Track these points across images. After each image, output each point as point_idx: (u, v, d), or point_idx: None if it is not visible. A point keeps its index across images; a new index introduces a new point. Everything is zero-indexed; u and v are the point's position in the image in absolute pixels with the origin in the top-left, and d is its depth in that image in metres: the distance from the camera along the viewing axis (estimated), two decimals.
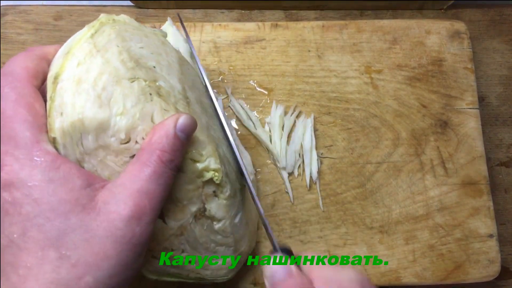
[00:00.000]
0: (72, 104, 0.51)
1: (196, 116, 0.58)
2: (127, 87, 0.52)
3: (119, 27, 0.57)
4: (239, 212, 0.65)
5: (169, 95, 0.55)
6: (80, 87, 0.51)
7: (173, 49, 0.66)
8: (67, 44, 0.56)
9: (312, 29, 0.86)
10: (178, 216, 0.58)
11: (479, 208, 0.79)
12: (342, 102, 0.83)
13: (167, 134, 0.50)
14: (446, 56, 0.86)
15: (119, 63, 0.53)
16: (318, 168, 0.79)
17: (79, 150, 0.52)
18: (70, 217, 0.45)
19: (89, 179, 0.48)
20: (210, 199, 0.59)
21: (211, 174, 0.57)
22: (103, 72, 0.52)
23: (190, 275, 0.64)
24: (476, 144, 0.81)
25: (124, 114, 0.51)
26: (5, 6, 0.91)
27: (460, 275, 0.76)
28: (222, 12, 0.95)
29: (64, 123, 0.50)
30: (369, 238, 0.77)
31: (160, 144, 0.49)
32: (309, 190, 0.79)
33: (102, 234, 0.45)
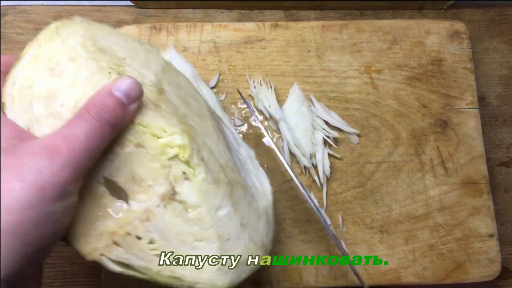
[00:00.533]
0: (25, 76, 0.52)
1: (167, 102, 0.57)
2: (82, 64, 0.53)
3: (92, 28, 0.58)
4: (225, 206, 0.58)
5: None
6: (36, 62, 0.53)
7: (159, 58, 0.65)
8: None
9: (312, 29, 0.86)
10: (142, 198, 0.53)
11: (479, 207, 0.79)
12: (342, 102, 0.83)
13: (100, 91, 0.50)
14: (446, 56, 0.86)
15: (80, 47, 0.54)
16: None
17: (28, 116, 0.51)
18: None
19: (19, 132, 0.49)
20: (180, 181, 0.55)
21: (175, 150, 0.54)
22: (59, 52, 0.53)
23: (161, 272, 0.54)
24: (476, 144, 0.81)
25: (75, 84, 0.52)
26: (5, 6, 0.91)
27: (460, 275, 0.76)
28: (222, 12, 0.95)
29: (14, 91, 0.52)
30: (369, 237, 0.77)
31: (90, 100, 0.49)
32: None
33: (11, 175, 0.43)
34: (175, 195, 0.54)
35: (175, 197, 0.54)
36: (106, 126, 0.49)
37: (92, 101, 0.49)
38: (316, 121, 0.80)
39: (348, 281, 0.75)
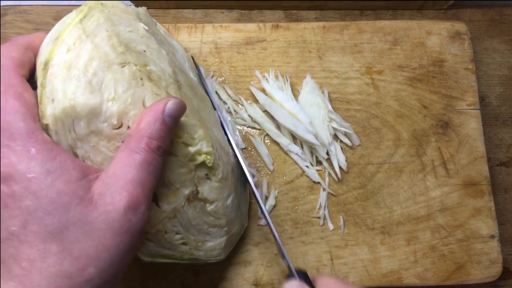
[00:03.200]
0: (63, 91, 0.51)
1: (187, 99, 0.59)
2: (118, 72, 0.52)
3: (108, 11, 0.57)
4: (231, 193, 0.66)
5: (160, 79, 0.56)
6: (71, 73, 0.51)
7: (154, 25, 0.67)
8: (55, 29, 0.56)
9: (313, 30, 0.86)
10: (171, 199, 0.59)
11: (481, 208, 0.79)
12: (343, 103, 0.83)
13: (155, 119, 0.50)
14: (447, 57, 0.86)
15: (109, 48, 0.53)
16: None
17: (71, 136, 0.52)
18: (69, 209, 0.45)
19: (84, 170, 0.48)
20: (203, 182, 0.61)
21: (203, 157, 0.58)
22: (93, 58, 0.52)
23: (183, 256, 0.65)
24: (477, 145, 0.81)
25: (115, 99, 0.51)
26: (5, 6, 0.91)
27: (461, 276, 0.76)
28: (222, 12, 0.95)
29: (55, 110, 0.50)
30: (370, 239, 0.77)
31: (148, 131, 0.50)
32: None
33: (101, 227, 0.46)
34: (198, 194, 0.60)
35: (198, 195, 0.61)
36: (164, 156, 0.52)
37: (149, 132, 0.50)
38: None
39: (349, 282, 0.75)
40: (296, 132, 0.77)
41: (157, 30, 0.67)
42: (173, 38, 0.76)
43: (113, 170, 0.49)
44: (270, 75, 0.83)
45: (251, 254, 0.75)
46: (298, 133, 0.77)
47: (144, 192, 0.49)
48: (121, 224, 0.47)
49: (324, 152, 0.78)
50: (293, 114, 0.78)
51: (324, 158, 0.79)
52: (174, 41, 0.74)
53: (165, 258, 0.64)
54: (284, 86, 0.82)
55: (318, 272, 0.75)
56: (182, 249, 0.64)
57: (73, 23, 0.55)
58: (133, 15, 0.61)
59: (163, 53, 0.60)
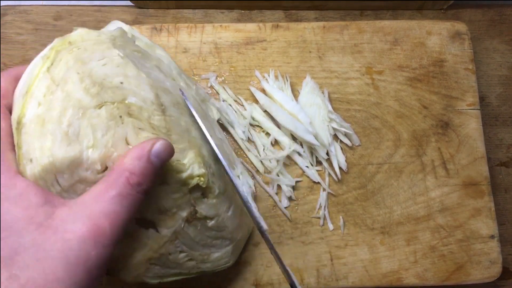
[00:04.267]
0: (39, 148, 0.49)
1: (173, 121, 0.58)
2: (94, 116, 0.51)
3: (77, 49, 0.55)
4: (232, 204, 0.66)
5: (140, 111, 0.54)
6: (45, 128, 0.50)
7: (132, 43, 0.64)
8: (24, 81, 0.54)
9: (313, 30, 0.86)
10: (169, 224, 0.58)
11: (480, 209, 0.79)
12: (343, 103, 0.83)
13: (139, 156, 0.49)
14: (447, 57, 0.86)
15: (82, 92, 0.51)
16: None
17: (56, 190, 0.50)
18: (23, 235, 0.44)
19: (47, 197, 0.47)
20: (200, 202, 0.60)
21: (196, 180, 0.57)
22: (66, 107, 0.50)
23: (191, 271, 0.65)
24: (477, 145, 0.81)
25: (95, 146, 0.50)
26: (5, 6, 0.91)
27: (461, 276, 0.76)
28: (222, 12, 0.95)
29: (35, 169, 0.49)
30: (370, 239, 0.77)
31: (130, 166, 0.48)
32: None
33: (55, 255, 0.43)
34: (197, 213, 0.59)
35: (197, 215, 0.60)
36: (143, 195, 0.50)
37: (131, 167, 0.48)
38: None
39: (349, 282, 0.75)
40: (296, 133, 0.77)
41: (137, 47, 0.64)
42: (157, 46, 0.74)
43: (83, 199, 0.47)
44: (270, 76, 0.83)
45: (251, 254, 0.75)
46: (298, 133, 0.77)
47: (111, 226, 0.46)
48: (78, 255, 0.44)
49: (324, 152, 0.78)
50: (293, 115, 0.78)
51: (324, 159, 0.79)
52: (158, 50, 0.72)
53: (173, 277, 0.64)
54: (284, 86, 0.82)
55: (318, 272, 0.75)
56: (188, 265, 0.63)
57: (40, 72, 0.53)
58: (106, 43, 0.57)
59: (142, 77, 0.56)
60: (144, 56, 0.64)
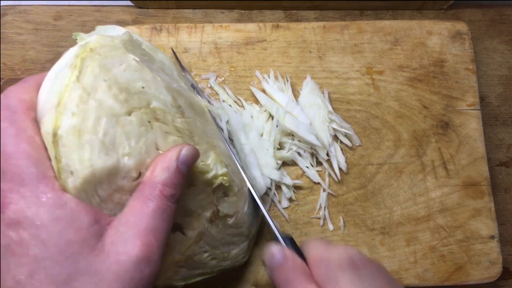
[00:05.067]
0: (79, 160, 0.49)
1: (192, 123, 0.59)
2: (126, 123, 0.51)
3: (99, 56, 0.55)
4: (246, 199, 0.67)
5: (165, 114, 0.55)
6: (82, 139, 0.50)
7: (139, 47, 0.64)
8: (52, 91, 0.53)
9: (313, 30, 0.86)
10: (195, 225, 0.59)
11: (481, 209, 0.79)
12: (344, 103, 0.83)
13: (169, 167, 0.50)
14: (448, 57, 0.86)
15: (112, 99, 0.52)
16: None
17: (95, 201, 0.51)
18: (78, 259, 0.44)
19: (96, 215, 0.47)
20: (221, 200, 0.61)
21: (220, 179, 0.58)
22: (100, 116, 0.51)
23: (213, 270, 0.66)
24: (477, 145, 0.81)
25: (130, 153, 0.51)
26: (5, 6, 0.91)
27: (461, 277, 0.76)
28: (222, 12, 0.95)
29: (77, 182, 0.49)
30: (370, 239, 0.77)
31: (161, 178, 0.49)
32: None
33: (111, 278, 0.44)
34: (219, 212, 0.61)
35: (219, 214, 0.61)
36: (177, 204, 0.51)
37: (163, 179, 0.49)
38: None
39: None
40: (297, 133, 0.77)
41: (143, 50, 0.65)
42: (157, 49, 0.73)
43: (126, 218, 0.48)
44: (270, 76, 0.83)
45: (251, 254, 0.75)
46: (299, 133, 0.76)
47: (157, 240, 0.48)
48: (133, 275, 0.45)
49: (324, 153, 0.78)
50: (293, 115, 0.78)
51: (324, 159, 0.79)
52: (159, 53, 0.72)
53: (197, 277, 0.65)
54: (285, 87, 0.82)
55: None
56: (211, 264, 0.65)
57: (70, 83, 0.52)
58: (121, 48, 0.58)
59: (158, 80, 0.58)
60: (150, 59, 0.65)
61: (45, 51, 0.89)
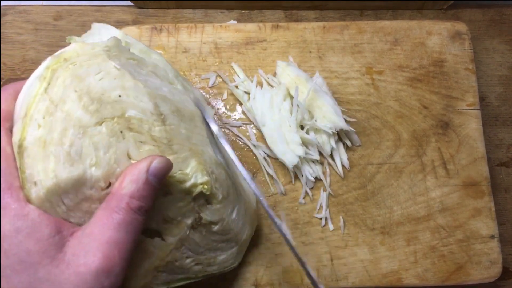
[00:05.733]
0: (44, 171, 0.49)
1: (174, 130, 0.57)
2: (95, 134, 0.51)
3: (73, 65, 0.54)
4: (235, 206, 0.66)
5: (141, 123, 0.54)
6: (47, 150, 0.49)
7: (126, 52, 0.63)
8: (23, 102, 0.53)
9: (313, 30, 0.86)
10: (175, 232, 0.59)
11: (481, 209, 0.79)
12: (343, 103, 0.83)
13: (138, 179, 0.49)
14: (447, 57, 0.86)
15: (81, 110, 0.51)
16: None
17: (62, 210, 0.50)
18: (38, 269, 0.44)
19: (58, 226, 0.47)
20: (204, 208, 0.60)
21: (200, 188, 0.57)
22: (66, 128, 0.50)
23: (198, 274, 0.65)
24: (477, 145, 0.81)
25: (98, 164, 0.50)
26: (5, 6, 0.91)
27: (461, 276, 0.76)
28: (222, 12, 0.95)
29: (40, 192, 0.49)
30: (370, 239, 0.77)
31: (129, 190, 0.48)
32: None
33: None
34: (201, 219, 0.60)
35: (201, 221, 0.60)
36: (145, 216, 0.50)
37: (130, 192, 0.48)
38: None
39: (349, 282, 0.75)
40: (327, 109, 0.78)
41: (132, 55, 0.63)
42: (152, 51, 0.72)
43: (90, 229, 0.47)
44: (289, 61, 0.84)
45: (251, 254, 0.75)
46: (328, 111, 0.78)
47: (120, 253, 0.47)
48: (91, 287, 0.45)
49: (329, 148, 0.78)
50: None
51: (327, 155, 0.79)
52: (153, 54, 0.71)
53: (180, 281, 0.64)
54: None
55: (318, 272, 0.75)
56: (195, 269, 0.64)
57: (38, 94, 0.52)
58: (101, 55, 0.56)
59: (140, 87, 0.56)
60: (140, 63, 0.63)
61: (45, 51, 0.89)
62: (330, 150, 0.78)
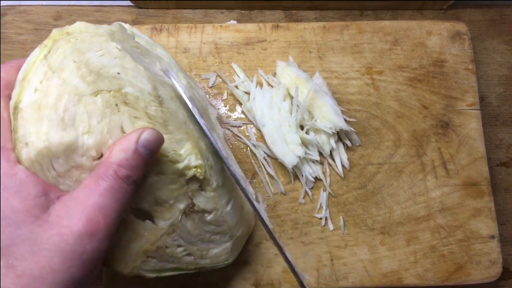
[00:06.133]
0: (35, 132, 0.50)
1: (171, 113, 0.58)
2: (89, 103, 0.51)
3: (75, 40, 0.55)
4: (231, 199, 0.66)
5: (137, 100, 0.54)
6: (41, 113, 0.50)
7: (131, 40, 0.64)
8: (22, 69, 0.54)
9: (313, 30, 0.86)
10: (166, 216, 0.58)
11: (481, 209, 0.79)
12: (343, 103, 0.83)
13: (127, 148, 0.49)
14: (447, 57, 0.86)
15: (78, 79, 0.52)
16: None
17: (51, 175, 0.51)
18: (21, 227, 0.45)
19: (45, 188, 0.48)
20: (197, 194, 0.60)
21: (193, 171, 0.57)
22: (62, 94, 0.51)
23: (189, 266, 0.65)
24: (477, 145, 0.81)
25: (90, 132, 0.50)
26: (5, 6, 0.91)
27: (461, 276, 0.76)
28: (222, 12, 0.95)
29: (30, 153, 0.49)
30: (370, 239, 0.77)
31: (117, 159, 0.49)
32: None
33: (51, 248, 0.45)
34: (194, 206, 0.60)
35: (194, 208, 0.60)
36: (134, 186, 0.50)
37: (119, 160, 0.49)
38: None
39: (349, 282, 0.75)
40: (326, 109, 0.78)
41: (136, 43, 0.65)
42: (157, 45, 0.73)
43: (76, 194, 0.48)
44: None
45: (251, 254, 0.75)
46: (327, 111, 0.78)
47: (105, 219, 0.47)
48: (73, 249, 0.45)
49: (329, 148, 0.78)
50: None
51: (327, 155, 0.79)
52: (158, 48, 0.72)
53: (171, 271, 0.64)
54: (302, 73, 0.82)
55: (318, 272, 0.75)
56: (186, 260, 0.64)
57: (37, 60, 0.53)
58: (105, 36, 0.57)
59: (140, 69, 0.57)
60: (144, 52, 0.64)
61: None
62: (330, 150, 0.78)
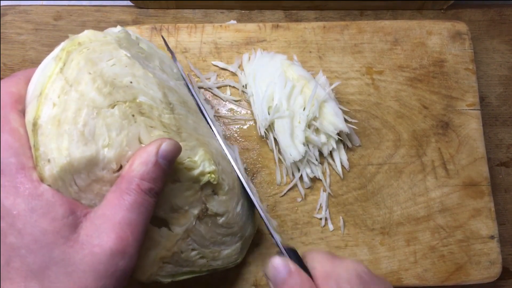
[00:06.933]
0: (57, 149, 0.50)
1: (182, 119, 0.59)
2: (108, 115, 0.51)
3: (87, 50, 0.55)
4: (240, 200, 0.67)
5: (151, 109, 0.55)
6: (61, 128, 0.50)
7: (136, 45, 0.65)
8: (37, 82, 0.54)
9: (313, 30, 0.86)
10: (182, 222, 0.59)
11: (480, 209, 0.79)
12: (343, 103, 0.83)
13: (147, 161, 0.49)
14: (448, 57, 0.86)
15: (95, 92, 0.52)
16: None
17: (74, 190, 0.51)
18: (53, 249, 0.45)
19: (71, 206, 0.48)
20: (211, 198, 0.61)
21: (207, 177, 0.58)
22: (80, 108, 0.51)
23: (202, 269, 0.66)
24: (477, 145, 0.81)
25: (111, 145, 0.51)
26: (5, 6, 0.91)
27: (461, 277, 0.76)
28: (222, 12, 0.95)
29: (53, 170, 0.49)
30: (370, 239, 0.77)
31: (139, 172, 0.49)
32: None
33: (85, 269, 0.45)
34: (208, 210, 0.61)
35: (208, 212, 0.61)
36: (156, 198, 0.51)
37: (140, 173, 0.49)
38: None
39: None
40: (332, 116, 0.77)
41: (140, 48, 0.65)
42: (158, 49, 0.73)
43: (102, 211, 0.48)
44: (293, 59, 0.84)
45: (251, 254, 0.75)
46: (335, 119, 0.77)
47: (133, 234, 0.48)
48: (106, 268, 0.45)
49: (328, 149, 0.78)
50: None
51: (327, 155, 0.79)
52: (159, 51, 0.73)
53: (185, 275, 0.64)
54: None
55: None
56: (200, 263, 0.64)
57: (53, 74, 0.53)
58: (113, 43, 0.58)
59: (149, 77, 0.58)
60: (147, 57, 0.65)
61: (45, 51, 0.89)
62: (329, 150, 0.78)
